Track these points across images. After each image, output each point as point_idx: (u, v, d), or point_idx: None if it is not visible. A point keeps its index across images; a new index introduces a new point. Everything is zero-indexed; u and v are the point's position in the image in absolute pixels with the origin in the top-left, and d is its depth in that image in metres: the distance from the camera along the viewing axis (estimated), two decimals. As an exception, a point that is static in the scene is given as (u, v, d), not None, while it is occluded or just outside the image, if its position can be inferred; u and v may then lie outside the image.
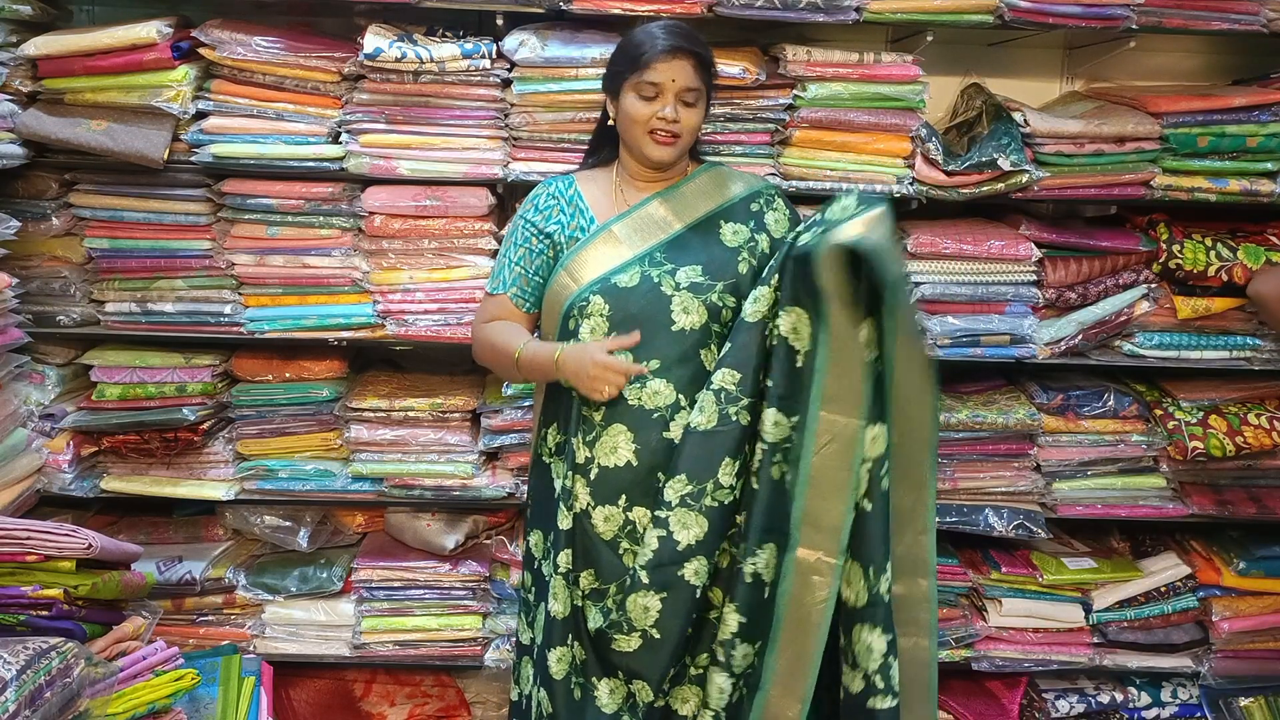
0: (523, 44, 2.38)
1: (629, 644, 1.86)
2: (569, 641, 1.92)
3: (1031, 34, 2.63)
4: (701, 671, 1.90)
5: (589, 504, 1.88)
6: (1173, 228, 2.61)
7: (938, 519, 2.59)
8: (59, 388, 2.59)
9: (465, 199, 2.48)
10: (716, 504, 1.83)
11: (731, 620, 1.82)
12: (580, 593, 1.90)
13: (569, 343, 1.88)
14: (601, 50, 2.37)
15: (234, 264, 2.52)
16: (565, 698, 1.92)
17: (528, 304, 2.01)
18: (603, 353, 1.79)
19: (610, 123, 2.00)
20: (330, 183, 2.48)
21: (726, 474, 1.82)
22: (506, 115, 2.45)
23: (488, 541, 2.79)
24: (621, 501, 1.87)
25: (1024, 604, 2.71)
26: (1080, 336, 2.58)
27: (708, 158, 2.16)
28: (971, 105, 2.71)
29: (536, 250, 1.99)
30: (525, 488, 2.29)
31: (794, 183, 2.50)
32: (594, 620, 1.89)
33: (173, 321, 2.54)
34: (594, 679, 1.90)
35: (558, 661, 1.92)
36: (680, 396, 1.86)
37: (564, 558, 1.91)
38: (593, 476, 1.88)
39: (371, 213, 2.48)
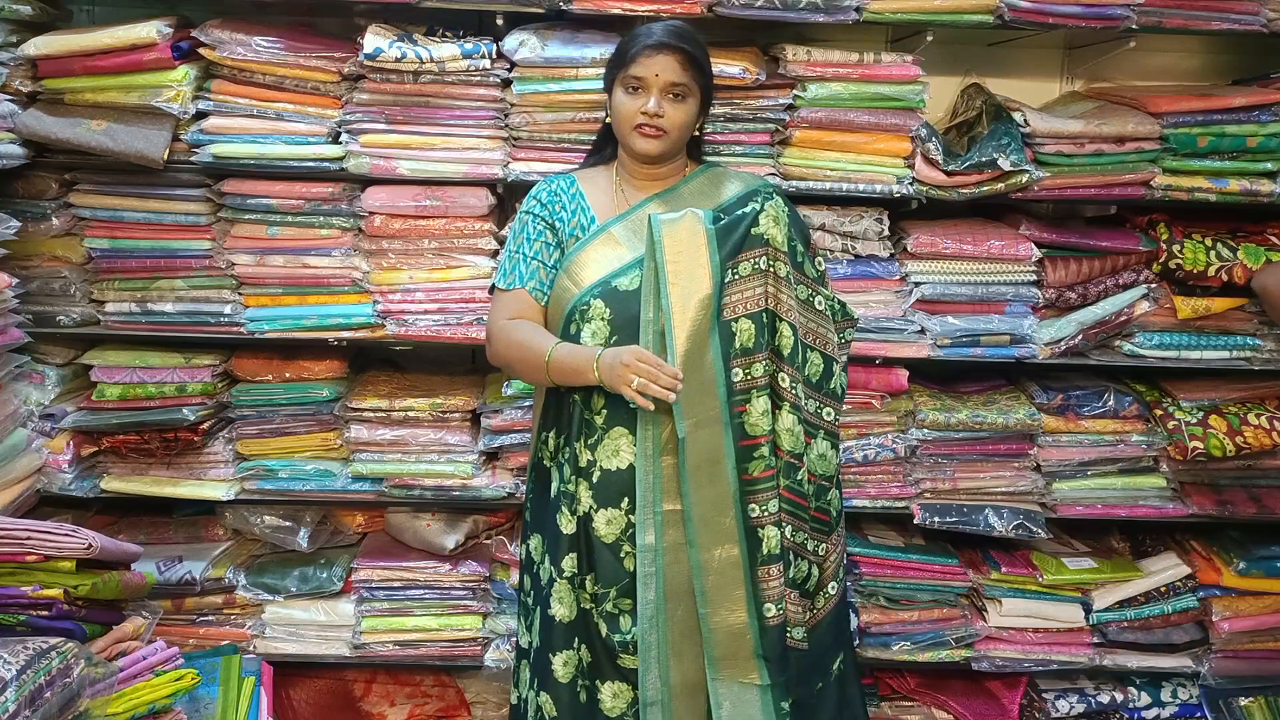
0: (523, 44, 2.38)
1: (633, 662, 1.87)
2: (575, 645, 1.91)
3: (1031, 34, 2.63)
4: None
5: (591, 507, 1.88)
6: (1173, 228, 2.62)
7: (938, 519, 2.62)
8: (59, 388, 2.58)
9: (465, 199, 2.48)
10: None
11: None
12: (587, 596, 1.90)
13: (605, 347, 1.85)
14: (601, 50, 2.37)
15: (234, 264, 2.52)
16: (571, 701, 1.92)
17: (545, 297, 1.97)
18: (641, 350, 1.77)
19: (609, 120, 2.00)
20: (330, 183, 2.48)
21: None
22: (506, 115, 2.45)
23: (488, 541, 2.78)
24: (624, 504, 1.87)
25: (1024, 604, 2.70)
26: (1080, 336, 2.58)
27: (709, 158, 2.16)
28: (971, 105, 2.71)
29: (551, 243, 1.98)
30: (525, 489, 2.29)
31: (794, 183, 2.50)
32: (606, 631, 1.89)
33: (173, 321, 2.53)
34: (598, 682, 1.91)
35: (563, 665, 1.91)
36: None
37: (569, 562, 1.90)
38: (595, 480, 1.88)
39: (371, 213, 2.48)
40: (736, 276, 1.82)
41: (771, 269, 1.83)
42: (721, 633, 1.82)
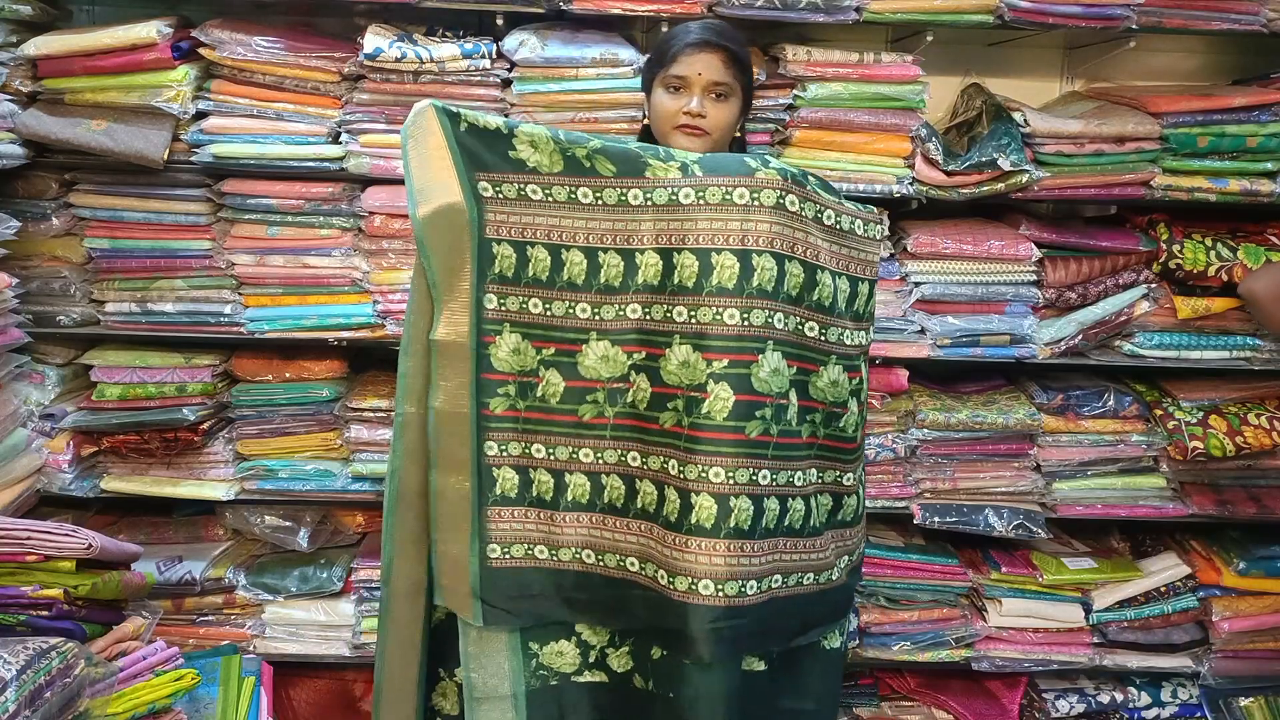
0: (523, 44, 2.38)
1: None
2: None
3: (1031, 34, 2.63)
4: None
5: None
6: (1173, 228, 2.62)
7: (938, 519, 2.62)
8: (59, 388, 2.58)
9: (465, 199, 2.48)
10: None
11: None
12: None
13: None
14: (601, 50, 2.37)
15: (234, 264, 2.52)
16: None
17: None
18: None
19: (646, 121, 1.99)
20: (330, 183, 2.48)
21: None
22: (506, 115, 2.45)
23: (488, 541, 2.78)
24: None
25: (1024, 604, 2.71)
26: (1080, 336, 2.58)
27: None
28: (971, 105, 2.71)
29: None
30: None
31: (794, 183, 2.50)
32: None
33: (173, 321, 2.54)
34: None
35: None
36: None
37: None
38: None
39: (371, 213, 2.48)
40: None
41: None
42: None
